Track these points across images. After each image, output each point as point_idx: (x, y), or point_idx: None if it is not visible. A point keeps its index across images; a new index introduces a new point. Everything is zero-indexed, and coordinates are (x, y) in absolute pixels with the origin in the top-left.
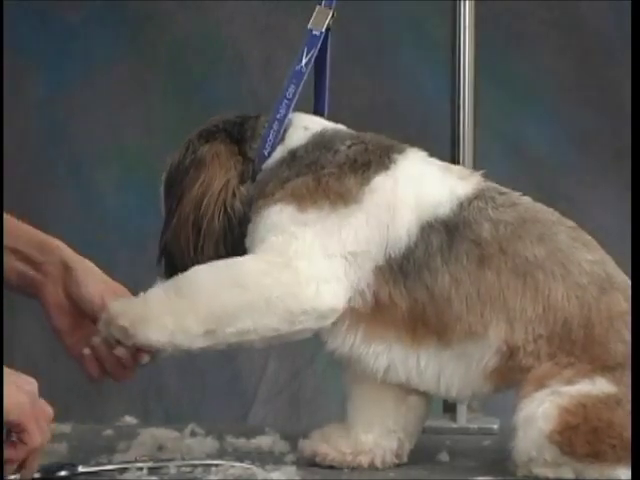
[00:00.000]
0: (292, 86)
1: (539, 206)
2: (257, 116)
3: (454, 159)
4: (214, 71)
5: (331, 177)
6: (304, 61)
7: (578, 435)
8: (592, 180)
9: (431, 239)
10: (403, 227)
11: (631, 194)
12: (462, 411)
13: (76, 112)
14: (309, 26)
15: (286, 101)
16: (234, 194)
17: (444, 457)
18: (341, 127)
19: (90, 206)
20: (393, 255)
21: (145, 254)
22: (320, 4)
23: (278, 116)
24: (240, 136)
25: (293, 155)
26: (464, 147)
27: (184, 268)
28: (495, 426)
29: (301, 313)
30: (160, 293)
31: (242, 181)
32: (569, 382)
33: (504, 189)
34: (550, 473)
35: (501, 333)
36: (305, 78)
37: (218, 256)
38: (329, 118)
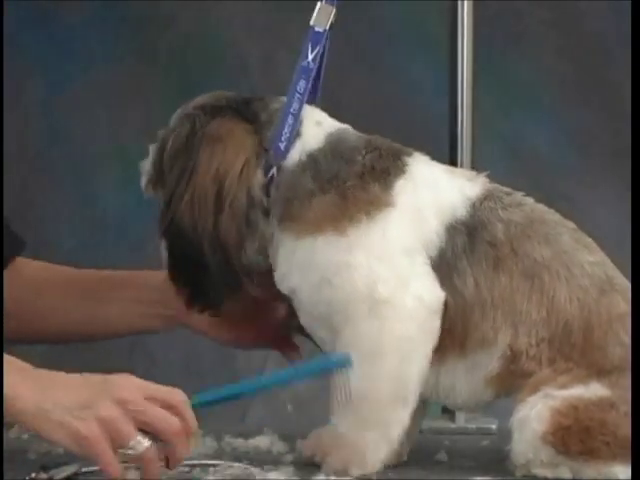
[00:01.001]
0: (302, 81)
1: (542, 207)
2: (261, 98)
3: (453, 159)
4: (214, 71)
5: (356, 189)
6: (310, 57)
7: (571, 435)
8: (591, 180)
9: (456, 241)
10: (431, 229)
11: (631, 194)
12: (460, 412)
13: (76, 112)
14: (312, 23)
15: (298, 95)
16: (253, 177)
17: (443, 457)
18: (346, 126)
19: (89, 206)
20: (432, 255)
21: (144, 254)
22: (322, 1)
23: (292, 110)
24: (252, 117)
25: (314, 162)
26: (462, 147)
27: (196, 241)
28: (493, 426)
29: (423, 322)
30: (347, 420)
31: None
32: (562, 387)
33: (508, 189)
34: (548, 473)
35: (507, 338)
36: (313, 74)
37: (240, 234)
38: None
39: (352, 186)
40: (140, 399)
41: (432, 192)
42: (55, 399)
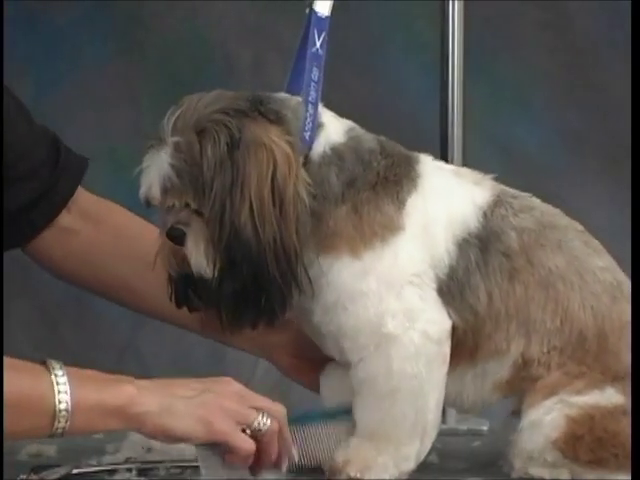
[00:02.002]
0: (315, 69)
1: (550, 208)
2: (268, 96)
3: (444, 160)
4: (203, 73)
5: (369, 205)
6: (318, 44)
7: (582, 444)
8: (583, 180)
9: (469, 255)
10: (442, 246)
11: (631, 195)
12: (451, 412)
13: (65, 114)
14: (315, 8)
15: (314, 84)
16: (304, 180)
17: (434, 459)
18: (353, 124)
19: None
20: (441, 276)
21: None
22: None
23: (310, 99)
24: (275, 116)
25: (338, 158)
26: (453, 148)
27: (259, 252)
28: (485, 427)
29: (432, 356)
30: (365, 446)
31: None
32: (579, 392)
33: (514, 191)
34: (546, 474)
35: (520, 347)
36: (323, 62)
37: (301, 240)
38: None
39: (366, 200)
40: (248, 393)
41: (443, 205)
42: (174, 394)
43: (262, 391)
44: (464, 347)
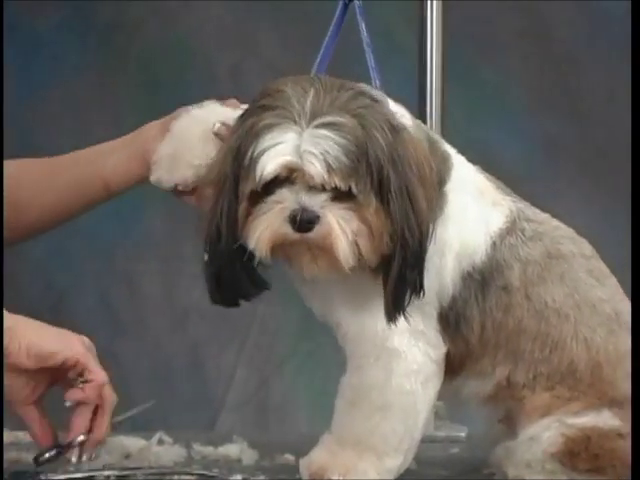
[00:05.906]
0: (371, 55)
1: (561, 232)
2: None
3: None
4: (183, 79)
5: None
6: (365, 31)
7: (580, 459)
8: (560, 186)
9: (470, 289)
10: (449, 276)
11: (631, 200)
12: (429, 419)
13: (44, 118)
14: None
15: (374, 70)
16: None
17: (412, 465)
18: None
19: None
20: (443, 304)
21: (113, 263)
22: None
23: (377, 84)
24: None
25: None
26: None
27: (422, 238)
28: (463, 434)
29: (429, 376)
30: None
31: None
32: (576, 414)
33: (531, 212)
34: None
35: (505, 372)
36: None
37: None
38: None
39: None
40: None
41: (459, 232)
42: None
43: (240, 398)
44: (449, 365)
